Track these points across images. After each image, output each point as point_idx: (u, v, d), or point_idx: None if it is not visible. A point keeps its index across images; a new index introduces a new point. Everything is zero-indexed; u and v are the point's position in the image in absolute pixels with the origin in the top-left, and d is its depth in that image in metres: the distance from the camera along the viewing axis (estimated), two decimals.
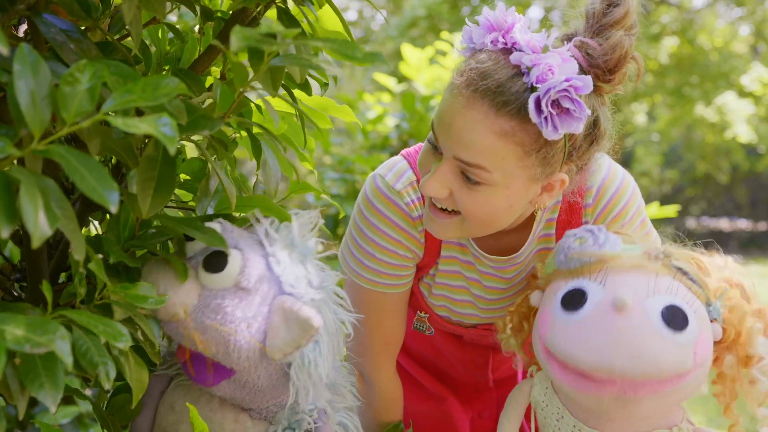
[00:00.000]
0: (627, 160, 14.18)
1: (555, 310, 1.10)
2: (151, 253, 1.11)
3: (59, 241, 1.12)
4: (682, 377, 1.04)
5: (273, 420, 1.16)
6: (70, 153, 0.67)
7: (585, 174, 1.20)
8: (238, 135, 1.30)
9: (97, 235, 1.09)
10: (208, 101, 1.07)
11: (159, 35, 1.16)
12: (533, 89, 1.05)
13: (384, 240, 1.29)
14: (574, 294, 1.09)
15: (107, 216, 1.12)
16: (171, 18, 1.70)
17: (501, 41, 1.09)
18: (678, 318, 1.03)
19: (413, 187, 1.28)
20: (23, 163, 0.74)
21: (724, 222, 15.13)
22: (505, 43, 1.09)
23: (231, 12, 1.05)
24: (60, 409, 1.77)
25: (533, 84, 1.05)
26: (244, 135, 1.26)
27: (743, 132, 10.08)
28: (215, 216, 1.12)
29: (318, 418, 1.15)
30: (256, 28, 0.78)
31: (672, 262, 1.09)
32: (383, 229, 1.28)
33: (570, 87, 1.03)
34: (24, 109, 0.68)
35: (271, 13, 1.05)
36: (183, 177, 1.23)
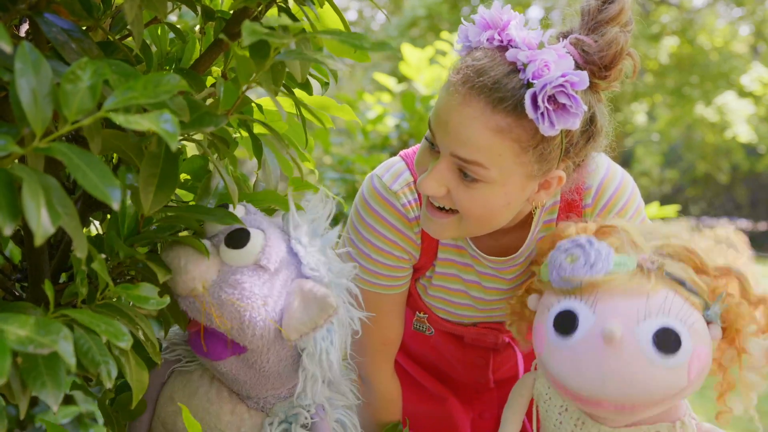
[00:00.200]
0: (627, 160, 14.18)
1: (548, 329, 1.10)
2: (151, 251, 1.11)
3: (60, 241, 1.12)
4: (676, 394, 1.04)
5: (270, 412, 1.17)
6: (72, 151, 0.67)
7: (583, 171, 1.20)
8: (238, 134, 1.30)
9: (98, 235, 1.09)
10: (209, 99, 1.07)
11: (160, 35, 1.16)
12: (529, 85, 1.05)
13: (380, 241, 1.29)
14: (565, 317, 1.08)
15: (108, 216, 1.12)
16: (172, 18, 1.70)
17: (497, 39, 1.09)
18: (670, 341, 1.02)
19: (410, 188, 1.28)
20: (25, 161, 0.74)
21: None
22: (501, 41, 1.09)
23: (232, 11, 1.06)
24: (60, 409, 1.77)
25: (529, 80, 1.05)
26: (244, 135, 1.26)
27: (743, 132, 10.09)
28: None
29: (315, 413, 1.15)
30: (264, 23, 0.78)
31: (666, 270, 1.07)
32: (379, 230, 1.28)
33: (566, 82, 1.03)
34: (26, 108, 0.68)
35: (272, 13, 1.06)
36: (184, 177, 1.23)
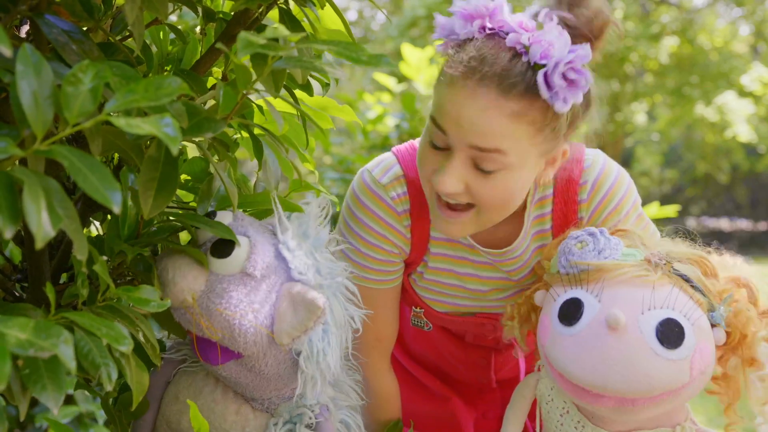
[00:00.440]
0: (627, 160, 14.18)
1: (553, 319, 1.10)
2: (153, 252, 1.11)
3: (60, 242, 1.12)
4: (678, 390, 1.04)
5: (274, 413, 1.17)
6: (72, 153, 0.67)
7: (578, 145, 1.25)
8: (239, 136, 1.30)
9: (99, 236, 1.09)
10: (210, 102, 1.07)
11: (161, 36, 1.16)
12: (537, 66, 1.06)
13: (370, 235, 1.29)
14: (570, 305, 1.08)
15: (108, 217, 1.12)
16: (172, 19, 1.70)
17: (488, 26, 1.09)
18: (673, 334, 1.02)
19: (399, 182, 1.28)
20: (26, 164, 0.74)
21: (724, 222, 15.14)
22: (492, 28, 1.09)
23: (233, 13, 1.05)
24: (60, 409, 1.77)
25: (536, 62, 1.06)
26: (245, 135, 1.26)
27: (743, 132, 10.08)
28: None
29: (320, 413, 1.15)
30: (261, 32, 0.78)
31: (674, 268, 1.07)
32: (369, 224, 1.29)
33: (575, 58, 1.05)
34: (26, 110, 0.68)
35: (273, 14, 1.05)
36: (184, 177, 1.23)
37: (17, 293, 1.09)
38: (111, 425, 1.14)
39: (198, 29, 1.20)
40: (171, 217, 1.01)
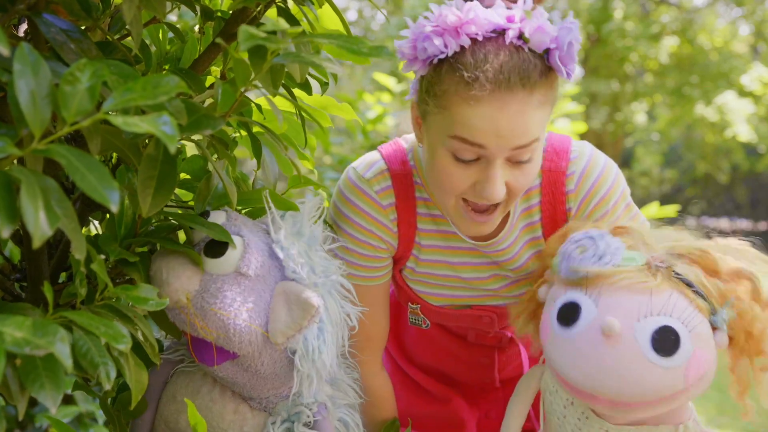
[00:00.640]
0: (627, 160, 14.18)
1: (553, 320, 1.11)
2: (150, 251, 1.11)
3: (59, 241, 1.12)
4: (674, 396, 1.04)
5: (272, 411, 1.17)
6: (70, 152, 0.67)
7: (564, 137, 1.31)
8: (238, 134, 1.30)
9: (97, 235, 1.09)
10: (208, 100, 1.07)
11: (159, 35, 1.16)
12: (545, 52, 1.10)
13: (357, 231, 1.29)
14: (569, 308, 1.09)
15: (107, 216, 1.12)
16: (171, 18, 1.70)
17: (474, 32, 1.08)
18: (669, 342, 1.01)
19: (383, 176, 1.29)
20: (24, 163, 0.74)
21: (724, 222, 15.14)
22: (477, 33, 1.08)
23: (231, 11, 1.05)
24: (60, 409, 1.77)
25: (547, 47, 1.09)
26: (244, 134, 1.26)
27: (743, 132, 10.08)
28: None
29: (318, 411, 1.15)
30: (261, 26, 0.78)
31: (675, 271, 1.06)
32: (355, 219, 1.29)
33: (568, 30, 1.09)
34: (24, 109, 0.67)
35: (271, 13, 1.05)
36: (183, 176, 1.23)
37: (16, 292, 1.09)
38: (109, 425, 1.14)
39: (196, 28, 1.20)
40: (169, 216, 1.01)
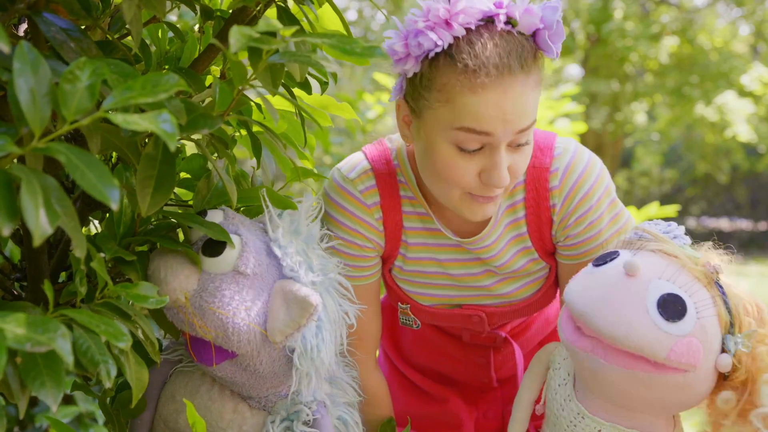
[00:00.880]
0: (627, 160, 14.18)
1: (589, 265, 1.14)
2: (149, 250, 1.11)
3: (59, 240, 1.13)
4: (650, 364, 1.03)
5: (272, 410, 1.17)
6: (70, 151, 0.67)
7: (549, 133, 1.32)
8: (237, 134, 1.30)
9: (96, 234, 1.09)
10: (207, 100, 1.07)
11: (159, 34, 1.16)
12: (533, 34, 1.11)
13: (343, 231, 1.30)
14: (608, 255, 1.12)
15: (107, 215, 1.12)
16: (171, 17, 1.70)
17: (469, 22, 1.09)
18: (673, 309, 1.02)
19: (367, 175, 1.30)
20: (24, 161, 0.74)
21: (724, 222, 15.13)
22: (470, 23, 1.09)
23: (231, 11, 1.06)
24: (60, 409, 1.77)
25: (537, 28, 1.11)
26: (243, 133, 1.26)
27: (743, 132, 10.07)
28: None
29: (317, 410, 1.16)
30: (254, 26, 0.78)
31: (719, 281, 1.07)
32: (341, 220, 1.30)
33: (553, 8, 1.10)
34: (24, 107, 0.68)
35: (271, 12, 1.06)
36: (183, 175, 1.23)
37: (16, 292, 1.09)
38: (108, 425, 1.14)
39: (196, 27, 1.20)
40: (169, 215, 1.01)
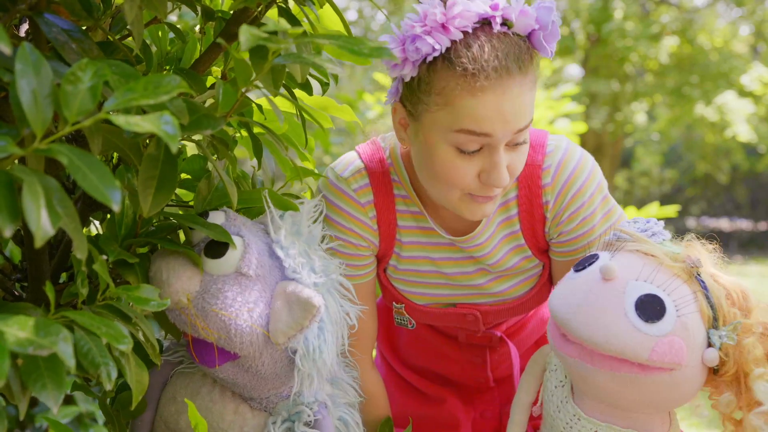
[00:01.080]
0: (627, 160, 14.17)
1: (571, 270, 1.15)
2: (151, 251, 1.11)
3: (60, 241, 1.12)
4: (634, 366, 1.02)
5: (273, 411, 1.17)
6: (72, 152, 0.67)
7: (541, 131, 1.32)
8: (238, 134, 1.30)
9: (98, 235, 1.09)
10: (209, 101, 1.07)
11: (160, 35, 1.16)
12: (529, 35, 1.12)
13: (338, 231, 1.30)
14: (588, 259, 1.12)
15: (108, 216, 1.12)
16: (172, 18, 1.70)
17: (466, 25, 1.09)
18: (651, 310, 1.02)
19: (361, 174, 1.30)
20: (25, 162, 0.74)
21: (724, 222, 15.13)
22: (467, 26, 1.09)
23: (232, 12, 1.05)
24: (60, 409, 1.77)
25: (532, 29, 1.11)
26: (244, 134, 1.26)
27: (743, 132, 10.07)
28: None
29: (318, 411, 1.15)
30: (261, 27, 0.78)
31: (699, 274, 1.06)
32: (335, 219, 1.30)
33: (550, 9, 1.11)
34: (26, 108, 0.68)
35: (272, 13, 1.06)
36: (184, 176, 1.23)
37: (17, 293, 1.09)
38: (109, 425, 1.14)
39: (197, 28, 1.20)
40: (170, 217, 1.01)
